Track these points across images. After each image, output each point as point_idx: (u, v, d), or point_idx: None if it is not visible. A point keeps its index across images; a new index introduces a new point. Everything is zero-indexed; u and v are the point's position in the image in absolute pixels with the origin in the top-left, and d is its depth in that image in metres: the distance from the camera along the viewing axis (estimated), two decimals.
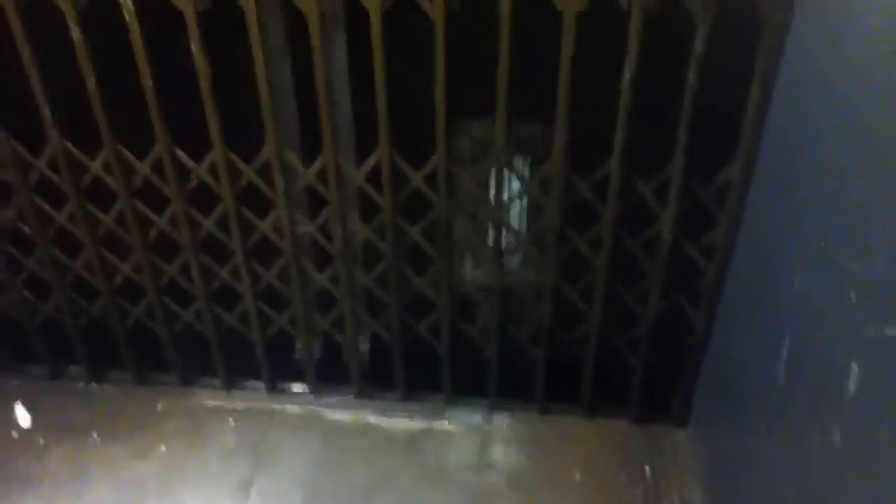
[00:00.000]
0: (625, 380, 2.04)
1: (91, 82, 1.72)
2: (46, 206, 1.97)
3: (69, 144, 1.84)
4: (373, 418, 2.18)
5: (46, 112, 1.79)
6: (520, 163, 1.79)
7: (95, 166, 1.86)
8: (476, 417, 2.16)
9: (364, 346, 2.17)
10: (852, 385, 1.04)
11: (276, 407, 2.22)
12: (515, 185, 1.81)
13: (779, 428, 1.37)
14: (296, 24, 1.71)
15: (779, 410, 1.37)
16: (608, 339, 1.97)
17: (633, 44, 1.52)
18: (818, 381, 1.18)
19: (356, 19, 1.64)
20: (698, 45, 1.50)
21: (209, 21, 1.64)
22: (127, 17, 1.63)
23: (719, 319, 1.81)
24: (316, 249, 1.99)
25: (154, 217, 1.95)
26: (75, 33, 1.66)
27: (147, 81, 1.71)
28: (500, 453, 2.07)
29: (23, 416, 2.20)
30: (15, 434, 2.15)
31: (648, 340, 1.93)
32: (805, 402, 1.24)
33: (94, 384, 2.31)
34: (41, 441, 2.12)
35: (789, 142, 1.42)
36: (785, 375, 1.34)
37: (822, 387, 1.16)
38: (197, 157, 1.83)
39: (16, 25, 1.67)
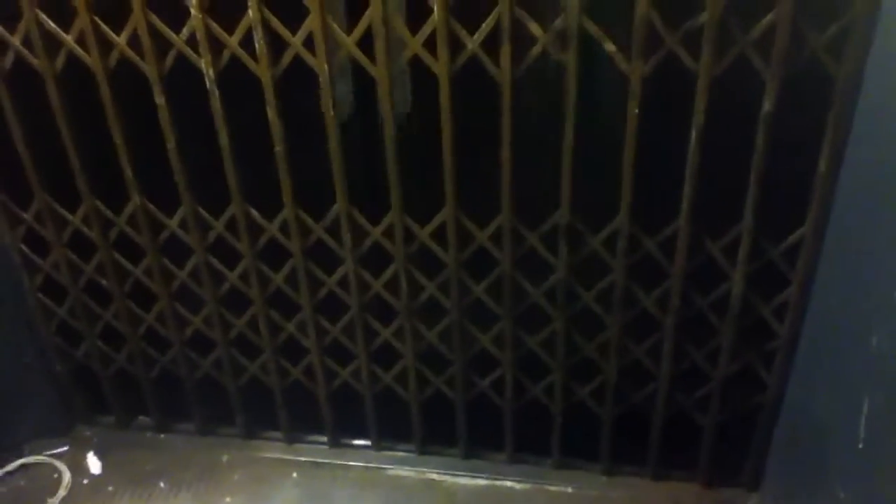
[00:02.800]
0: (694, 441, 1.99)
1: (171, 144, 1.80)
2: (124, 261, 2.04)
3: (148, 202, 1.92)
4: (435, 475, 2.17)
5: (128, 172, 1.87)
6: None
7: (173, 223, 1.93)
8: (540, 476, 2.13)
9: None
10: None
11: (339, 462, 2.23)
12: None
13: (860, 493, 1.32)
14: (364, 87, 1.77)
15: (860, 474, 1.32)
16: (677, 398, 1.94)
17: (699, 104, 1.53)
18: None
19: (424, 80, 1.69)
20: (766, 105, 1.50)
21: (284, 84, 1.71)
22: (207, 84, 1.71)
23: (793, 379, 1.76)
24: (381, 304, 2.01)
25: (226, 271, 2.00)
26: (158, 98, 1.74)
27: (224, 143, 1.78)
28: None
29: (94, 464, 2.25)
30: (85, 481, 2.20)
31: (719, 400, 1.89)
32: (889, 464, 1.20)
33: (161, 435, 2.36)
34: (110, 489, 2.17)
35: (862, 199, 1.40)
36: (865, 437, 1.30)
37: None
38: (269, 214, 1.89)
39: (104, 91, 1.77)
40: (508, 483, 2.13)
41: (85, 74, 1.76)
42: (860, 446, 1.31)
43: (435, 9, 1.54)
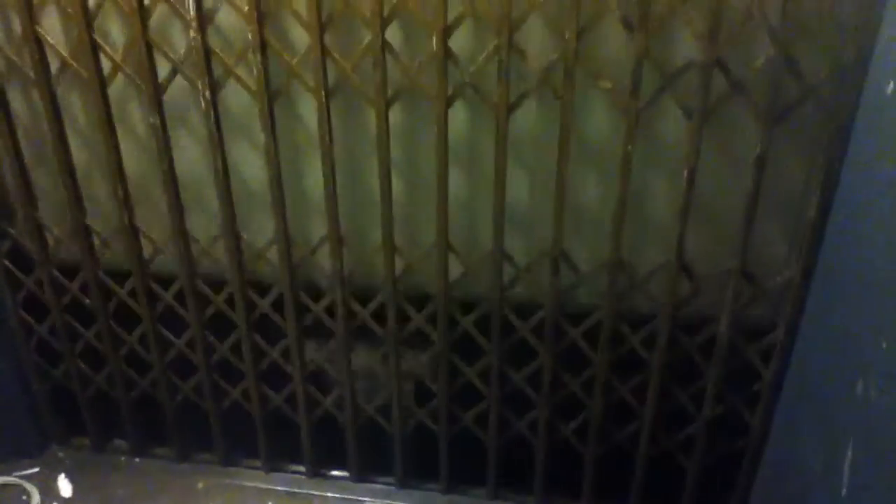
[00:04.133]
0: (677, 481, 1.99)
1: (164, 166, 1.80)
2: (109, 282, 2.02)
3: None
4: None
5: (118, 191, 1.86)
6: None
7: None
8: None
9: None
10: None
11: (317, 493, 2.20)
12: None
13: None
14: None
15: None
16: (661, 438, 1.93)
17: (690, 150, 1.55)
18: (889, 489, 1.14)
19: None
20: (758, 149, 1.52)
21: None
22: (202, 105, 1.71)
23: (777, 423, 1.77)
24: (367, 333, 2.00)
25: (211, 295, 1.98)
26: (152, 118, 1.75)
27: (217, 165, 1.78)
28: None
29: (65, 487, 2.21)
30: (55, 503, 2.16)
31: (703, 441, 1.88)
32: None
33: (137, 459, 2.32)
34: None
35: (852, 243, 1.42)
36: (849, 483, 1.30)
37: (891, 495, 1.12)
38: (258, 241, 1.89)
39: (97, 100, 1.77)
40: None
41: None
42: (843, 493, 1.31)
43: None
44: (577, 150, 1.63)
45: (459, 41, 1.59)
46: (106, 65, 1.75)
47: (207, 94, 1.70)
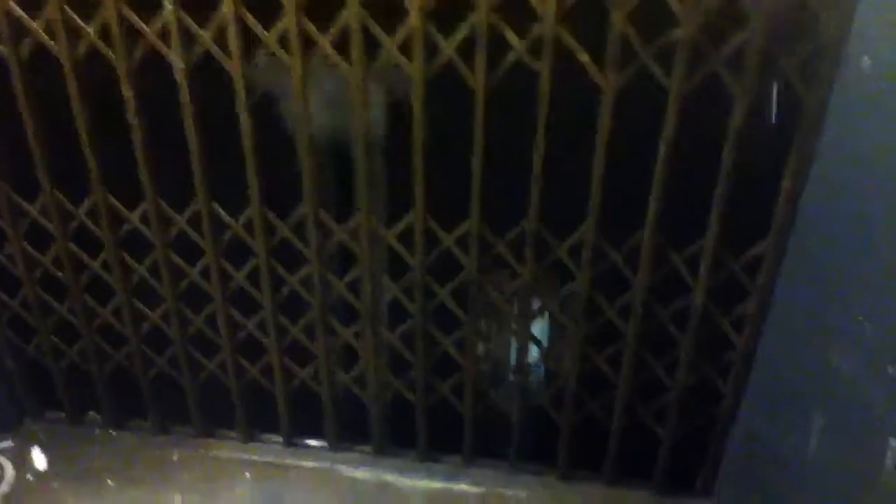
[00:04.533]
0: (650, 449, 2.03)
1: (138, 138, 1.76)
2: (83, 254, 1.99)
3: (110, 196, 1.88)
4: (391, 477, 2.16)
5: (91, 163, 1.83)
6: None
7: (135, 217, 1.90)
8: (495, 481, 2.14)
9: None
10: (890, 461, 1.04)
11: (294, 462, 2.21)
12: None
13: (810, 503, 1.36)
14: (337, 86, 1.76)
15: (811, 487, 1.36)
16: (634, 407, 1.97)
17: (670, 118, 1.55)
18: (854, 457, 1.18)
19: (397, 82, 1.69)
20: (736, 119, 1.53)
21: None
22: (178, 78, 1.68)
23: (749, 392, 1.81)
24: (344, 306, 2.00)
25: (186, 268, 1.97)
26: (126, 91, 1.71)
27: (193, 139, 1.75)
28: None
29: (39, 460, 2.20)
30: (30, 476, 2.15)
31: (676, 411, 1.92)
32: (839, 478, 1.23)
33: (112, 431, 2.31)
34: (55, 485, 2.12)
35: (825, 217, 1.44)
36: (817, 450, 1.34)
37: (858, 463, 1.15)
38: (234, 212, 1.86)
39: (71, 84, 1.73)
40: (464, 486, 2.13)
41: (52, 63, 1.72)
42: (811, 459, 1.35)
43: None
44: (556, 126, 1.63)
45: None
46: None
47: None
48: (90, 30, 1.66)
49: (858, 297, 1.23)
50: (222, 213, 1.87)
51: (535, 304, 1.89)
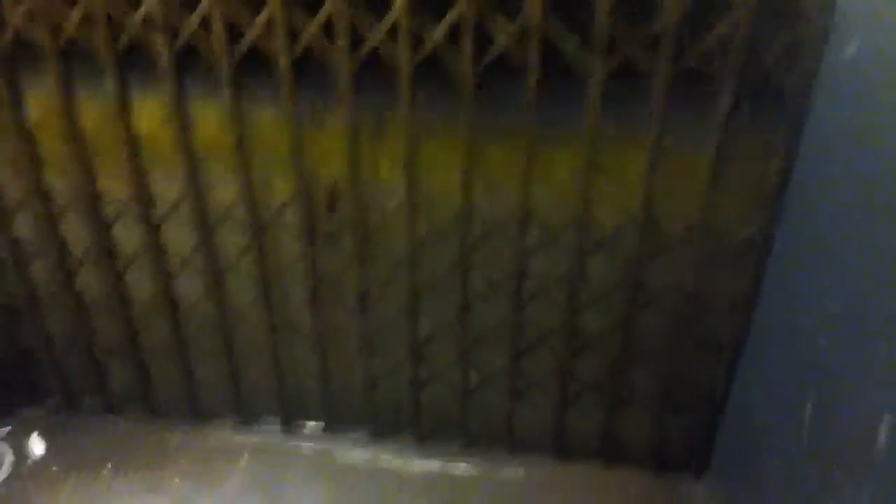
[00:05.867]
0: (644, 430, 2.03)
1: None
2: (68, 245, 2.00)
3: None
4: (387, 459, 2.17)
5: None
6: None
7: None
8: (491, 462, 2.14)
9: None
10: (883, 437, 1.03)
11: (290, 445, 2.22)
12: None
13: (803, 481, 1.36)
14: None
15: (803, 464, 1.36)
16: (626, 389, 1.97)
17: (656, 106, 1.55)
18: (846, 435, 1.18)
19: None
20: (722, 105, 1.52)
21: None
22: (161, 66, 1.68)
23: (740, 374, 1.81)
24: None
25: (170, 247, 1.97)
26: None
27: None
28: (515, 498, 2.05)
29: (37, 446, 2.20)
30: (29, 462, 2.16)
31: (669, 392, 1.92)
32: (832, 455, 1.23)
33: (109, 416, 2.32)
34: (54, 469, 2.13)
35: (812, 202, 1.44)
36: (809, 429, 1.33)
37: (850, 440, 1.15)
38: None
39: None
40: (461, 468, 2.14)
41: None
42: (803, 437, 1.35)
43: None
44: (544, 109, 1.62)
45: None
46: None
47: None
48: None
49: (847, 280, 1.22)
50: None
51: None
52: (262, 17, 1.60)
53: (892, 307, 1.05)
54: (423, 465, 2.15)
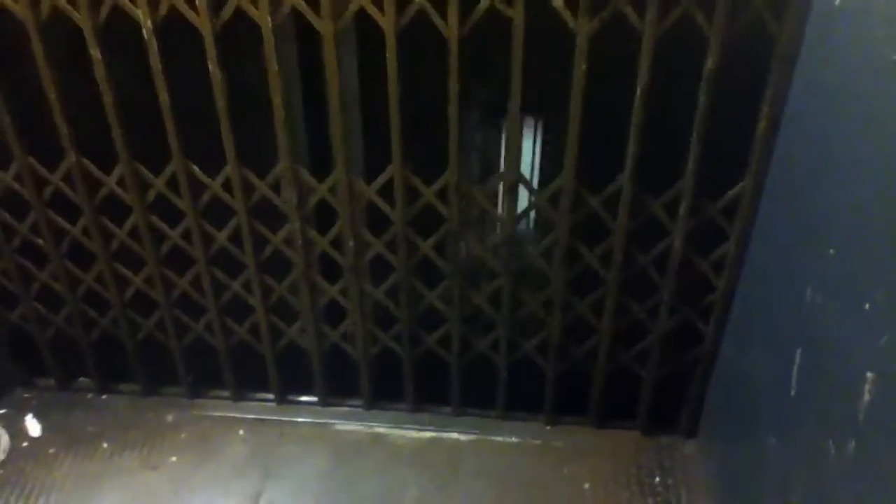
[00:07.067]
0: (634, 391, 2.06)
1: (108, 99, 1.74)
2: (61, 220, 1.98)
3: (85, 160, 1.86)
4: (382, 429, 2.20)
5: (63, 128, 1.80)
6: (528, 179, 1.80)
7: (110, 181, 1.88)
8: (485, 428, 2.17)
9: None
10: (867, 394, 1.06)
11: (286, 418, 2.24)
12: (524, 200, 1.83)
13: (790, 438, 1.38)
14: (308, 42, 1.74)
15: (791, 420, 1.39)
16: (618, 351, 1.99)
17: (644, 61, 1.54)
18: (832, 391, 1.20)
19: (368, 35, 1.66)
20: (710, 62, 1.52)
21: (226, 39, 1.66)
22: (145, 35, 1.65)
23: (729, 332, 1.83)
24: (327, 263, 2.00)
25: (168, 231, 1.96)
26: (93, 51, 1.67)
27: (164, 98, 1.72)
28: (509, 463, 2.08)
29: (33, 427, 2.21)
30: (25, 444, 2.16)
31: (658, 353, 1.95)
32: (818, 411, 1.25)
33: (104, 396, 2.33)
34: (51, 451, 2.14)
35: (800, 155, 1.45)
36: (797, 386, 1.36)
37: (836, 396, 1.17)
38: (211, 173, 1.85)
39: (36, 46, 1.69)
40: (454, 435, 2.17)
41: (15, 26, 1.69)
42: (791, 395, 1.37)
43: None
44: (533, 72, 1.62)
45: None
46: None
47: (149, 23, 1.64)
48: None
49: (834, 234, 1.24)
50: (199, 172, 1.86)
51: None
52: None
53: (879, 264, 1.06)
54: (418, 433, 2.18)
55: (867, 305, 1.08)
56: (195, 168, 1.85)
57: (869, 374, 1.05)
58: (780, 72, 1.49)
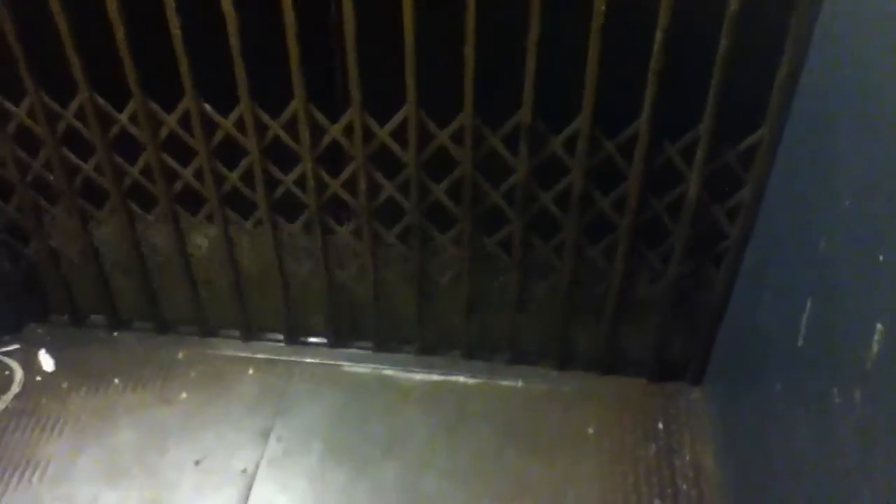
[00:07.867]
0: (642, 338, 2.07)
1: (120, 33, 1.71)
2: (73, 157, 1.98)
3: (97, 96, 1.84)
4: (390, 371, 2.22)
5: (75, 62, 1.79)
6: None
7: (123, 117, 1.87)
8: (492, 372, 2.20)
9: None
10: (876, 345, 1.06)
11: (295, 359, 2.27)
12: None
13: (797, 387, 1.40)
14: None
15: (798, 370, 1.39)
16: (627, 297, 1.99)
17: (665, 2, 1.51)
18: (840, 341, 1.20)
19: None
20: (733, 4, 1.49)
21: None
22: None
23: (740, 280, 1.83)
24: (339, 204, 2.00)
25: (180, 169, 1.95)
26: None
27: (176, 33, 1.70)
28: (516, 407, 2.10)
29: (46, 362, 2.24)
30: (38, 378, 2.19)
31: (668, 300, 1.95)
32: (826, 361, 1.26)
33: (115, 333, 2.35)
34: (64, 385, 2.17)
35: (819, 104, 1.43)
36: (805, 336, 1.36)
37: (844, 347, 1.18)
38: (223, 111, 1.83)
39: None
40: (461, 378, 2.19)
41: None
42: (799, 344, 1.38)
43: None
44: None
45: None
46: None
47: None
48: None
49: (850, 186, 1.23)
50: (211, 110, 1.84)
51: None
52: None
53: (894, 216, 1.05)
54: (425, 376, 2.20)
55: (881, 257, 1.08)
56: (207, 106, 1.83)
57: (878, 326, 1.06)
58: (802, 18, 1.46)
